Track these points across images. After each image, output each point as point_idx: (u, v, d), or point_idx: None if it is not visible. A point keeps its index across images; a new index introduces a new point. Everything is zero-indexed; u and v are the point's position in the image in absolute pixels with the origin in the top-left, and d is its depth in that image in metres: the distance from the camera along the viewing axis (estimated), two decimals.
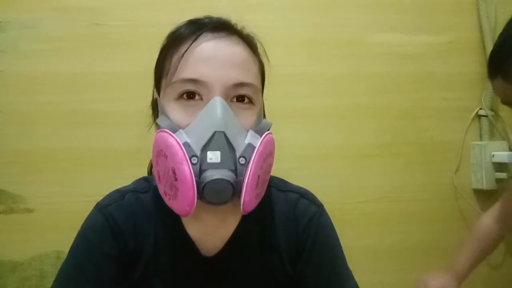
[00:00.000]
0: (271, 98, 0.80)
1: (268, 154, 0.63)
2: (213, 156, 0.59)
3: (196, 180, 0.58)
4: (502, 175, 1.22)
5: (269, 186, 0.73)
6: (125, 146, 1.12)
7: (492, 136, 1.27)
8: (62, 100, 1.13)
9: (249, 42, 0.70)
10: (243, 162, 0.60)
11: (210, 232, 0.70)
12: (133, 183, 0.75)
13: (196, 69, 0.62)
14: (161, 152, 0.61)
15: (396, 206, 1.23)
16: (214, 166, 0.59)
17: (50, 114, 1.12)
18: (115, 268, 0.68)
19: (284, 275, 0.73)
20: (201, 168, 0.59)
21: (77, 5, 1.14)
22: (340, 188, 1.20)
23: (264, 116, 0.74)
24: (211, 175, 0.58)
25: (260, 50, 0.72)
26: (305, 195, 0.76)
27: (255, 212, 0.66)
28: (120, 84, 1.14)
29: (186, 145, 0.59)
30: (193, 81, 0.62)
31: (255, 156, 0.60)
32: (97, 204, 0.71)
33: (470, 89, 1.26)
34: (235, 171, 0.60)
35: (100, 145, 1.13)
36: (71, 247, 0.69)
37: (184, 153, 0.58)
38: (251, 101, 0.65)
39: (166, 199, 0.62)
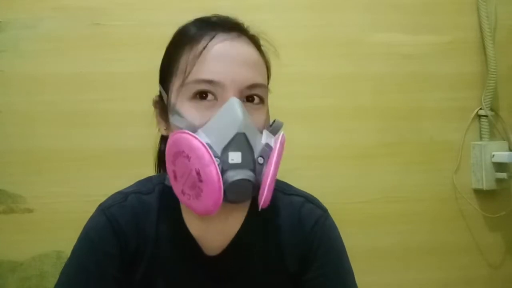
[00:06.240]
0: (271, 98, 0.80)
1: (282, 154, 0.65)
2: (235, 157, 0.60)
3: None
4: (502, 175, 1.22)
5: (274, 189, 0.72)
6: (125, 146, 1.12)
7: (492, 136, 1.27)
8: (62, 100, 1.13)
9: (256, 43, 0.70)
10: (261, 161, 0.62)
11: (213, 231, 0.70)
12: (135, 184, 0.75)
13: (212, 69, 0.63)
14: (182, 153, 0.61)
15: (396, 206, 1.22)
16: (236, 166, 0.60)
17: (50, 114, 1.12)
18: (117, 268, 0.68)
19: (287, 278, 0.72)
20: (223, 168, 0.60)
21: (77, 5, 1.14)
22: (340, 188, 1.20)
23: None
24: (233, 175, 0.59)
25: (267, 48, 0.73)
26: (310, 199, 0.76)
27: (259, 214, 0.66)
28: (120, 84, 1.14)
29: (208, 146, 0.60)
30: (209, 82, 0.63)
31: (274, 156, 0.62)
32: (100, 205, 0.72)
33: (470, 89, 1.26)
34: (254, 171, 0.61)
35: (100, 145, 1.13)
36: (74, 248, 0.69)
37: (210, 155, 0.59)
38: (261, 101, 0.67)
39: (184, 199, 0.63)
